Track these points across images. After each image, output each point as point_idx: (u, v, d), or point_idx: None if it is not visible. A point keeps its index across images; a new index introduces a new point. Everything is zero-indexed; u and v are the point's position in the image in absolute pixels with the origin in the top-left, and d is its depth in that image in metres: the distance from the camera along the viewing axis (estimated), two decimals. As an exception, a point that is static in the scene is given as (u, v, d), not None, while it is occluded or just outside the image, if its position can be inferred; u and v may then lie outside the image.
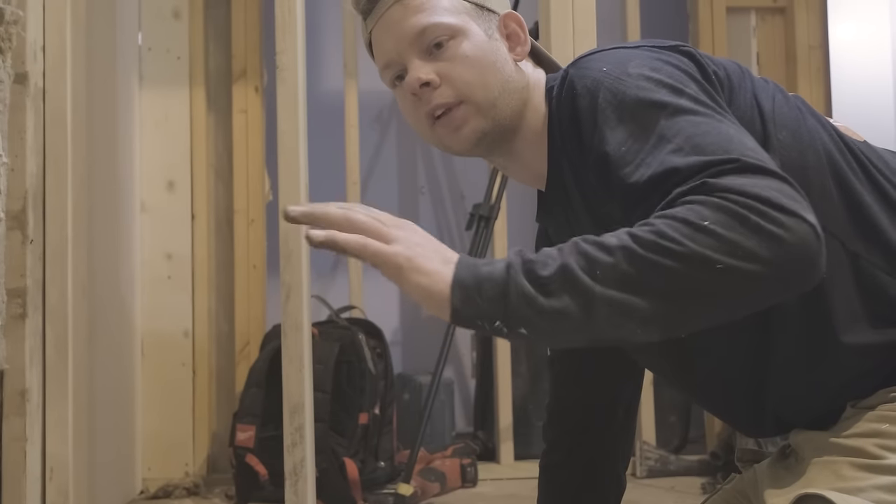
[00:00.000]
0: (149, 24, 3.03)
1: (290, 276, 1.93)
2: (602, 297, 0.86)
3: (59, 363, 1.95)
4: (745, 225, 0.86)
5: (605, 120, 1.03)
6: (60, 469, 1.94)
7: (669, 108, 1.00)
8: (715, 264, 0.86)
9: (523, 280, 0.88)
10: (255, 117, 3.12)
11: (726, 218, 0.86)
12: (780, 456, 1.13)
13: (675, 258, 0.86)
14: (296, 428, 1.89)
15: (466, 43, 1.16)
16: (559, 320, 0.87)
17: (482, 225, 2.83)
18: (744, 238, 0.86)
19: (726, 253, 0.86)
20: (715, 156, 0.92)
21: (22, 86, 1.84)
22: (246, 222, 3.11)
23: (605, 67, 1.07)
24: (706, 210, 0.87)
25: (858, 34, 3.27)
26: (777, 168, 0.93)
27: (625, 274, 0.87)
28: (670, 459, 2.92)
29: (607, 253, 0.88)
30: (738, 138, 0.96)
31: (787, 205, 0.88)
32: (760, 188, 0.88)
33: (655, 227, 0.88)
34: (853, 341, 1.04)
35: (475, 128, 1.16)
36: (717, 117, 1.00)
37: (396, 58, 1.18)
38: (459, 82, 1.15)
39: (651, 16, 3.45)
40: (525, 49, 1.22)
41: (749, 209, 0.87)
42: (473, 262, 0.90)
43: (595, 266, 0.87)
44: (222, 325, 3.11)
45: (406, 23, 1.16)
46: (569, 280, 0.87)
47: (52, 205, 1.96)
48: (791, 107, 1.13)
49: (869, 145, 1.16)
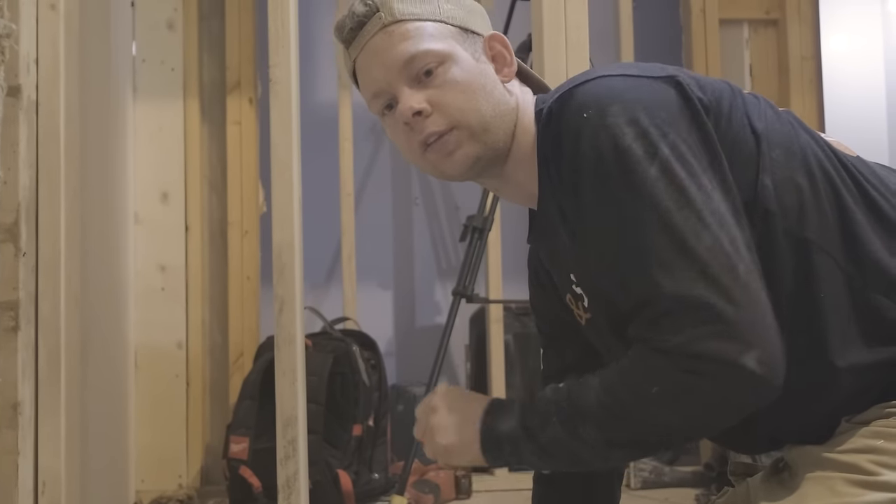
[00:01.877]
0: (143, 35, 3.03)
1: (284, 289, 1.92)
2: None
3: (51, 376, 1.95)
4: (686, 392, 0.98)
5: (582, 184, 1.06)
6: (53, 482, 1.93)
7: (637, 186, 1.01)
8: (662, 422, 1.01)
9: (525, 444, 1.08)
10: (249, 129, 3.13)
11: (669, 381, 0.98)
12: (774, 470, 1.13)
13: (631, 425, 1.02)
14: (289, 441, 1.88)
15: (455, 68, 1.16)
16: (559, 459, 1.07)
17: (476, 236, 2.83)
18: (686, 403, 0.99)
19: (670, 413, 0.99)
20: (664, 280, 0.98)
21: (15, 98, 1.84)
22: (240, 234, 3.11)
23: (587, 113, 1.06)
24: (653, 376, 0.99)
25: (851, 45, 3.29)
26: (725, 281, 0.97)
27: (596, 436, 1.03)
28: (664, 471, 2.92)
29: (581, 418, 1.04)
30: (695, 234, 0.98)
31: (728, 357, 0.95)
32: (702, 344, 0.95)
33: (614, 393, 1.01)
34: (847, 361, 1.04)
35: (468, 152, 1.16)
36: (685, 188, 1.00)
37: (386, 87, 1.17)
38: (451, 109, 1.15)
39: (644, 28, 3.46)
40: (512, 70, 1.21)
41: (691, 373, 0.96)
42: (492, 433, 1.10)
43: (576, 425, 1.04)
44: (216, 336, 3.10)
45: (393, 51, 1.16)
46: (559, 440, 1.05)
47: (45, 217, 1.95)
48: (783, 123, 1.12)
49: (862, 160, 1.16)
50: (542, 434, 1.05)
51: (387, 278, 3.70)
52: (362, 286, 3.33)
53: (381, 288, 3.68)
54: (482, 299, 2.94)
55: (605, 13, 3.36)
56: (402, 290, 3.73)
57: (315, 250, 3.24)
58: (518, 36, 2.90)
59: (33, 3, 1.92)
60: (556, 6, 1.90)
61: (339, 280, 3.37)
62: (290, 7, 1.97)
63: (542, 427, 1.05)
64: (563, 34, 1.90)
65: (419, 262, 3.74)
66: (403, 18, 1.16)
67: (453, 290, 2.78)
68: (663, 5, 3.64)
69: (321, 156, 3.30)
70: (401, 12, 1.16)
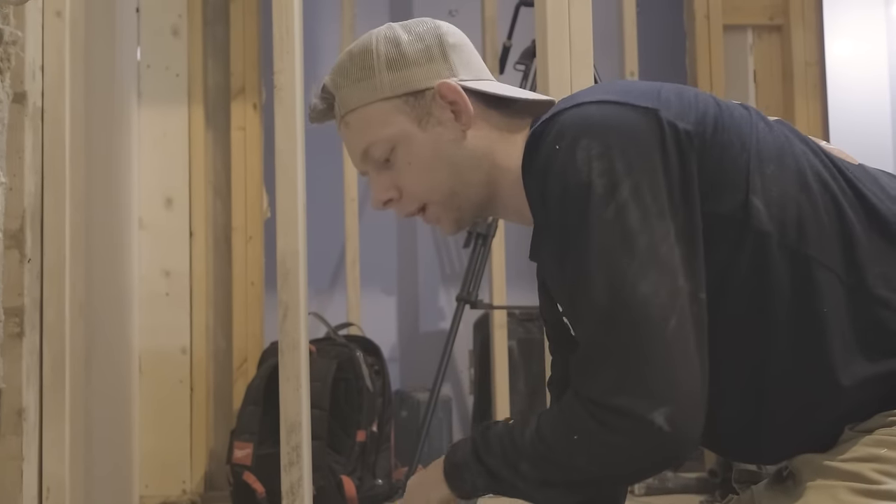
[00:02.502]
0: (148, 41, 3.04)
1: (288, 295, 1.92)
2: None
3: (56, 382, 1.95)
4: (598, 442, 1.01)
5: (549, 215, 1.08)
6: (57, 488, 1.93)
7: (592, 228, 1.02)
8: (582, 467, 1.04)
9: (477, 469, 1.12)
10: (253, 134, 3.13)
11: (585, 436, 1.01)
12: (778, 478, 1.13)
13: (558, 468, 1.06)
14: (293, 447, 1.88)
15: (406, 150, 1.19)
16: (506, 489, 1.12)
17: (480, 242, 2.84)
18: (599, 453, 1.02)
19: (593, 463, 1.03)
20: (602, 329, 1.00)
21: (20, 105, 1.84)
22: (244, 239, 3.11)
23: (559, 144, 1.07)
24: (574, 424, 1.02)
25: (855, 51, 3.29)
26: (666, 319, 0.98)
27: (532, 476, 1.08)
28: (668, 477, 2.92)
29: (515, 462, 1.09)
30: (635, 282, 1.00)
31: (637, 412, 0.97)
32: (615, 398, 0.98)
33: (544, 436, 1.06)
34: (850, 374, 1.03)
35: (449, 220, 1.23)
36: (634, 243, 1.00)
37: (363, 169, 1.25)
38: (416, 190, 1.21)
39: (648, 34, 3.46)
40: (468, 114, 1.19)
41: (602, 424, 1.00)
42: (450, 462, 1.16)
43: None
44: (220, 342, 3.10)
45: (353, 144, 1.24)
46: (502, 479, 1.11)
47: (50, 224, 1.96)
48: (776, 135, 1.11)
49: (863, 168, 1.15)
50: (488, 461, 1.10)
51: (391, 284, 3.70)
52: (366, 292, 3.33)
53: (384, 293, 3.68)
54: (486, 305, 2.94)
55: (608, 19, 3.36)
56: (406, 296, 3.73)
57: (319, 256, 3.24)
58: (522, 42, 2.90)
59: (39, 11, 1.93)
60: (559, 12, 1.90)
61: (343, 285, 3.37)
62: (295, 13, 1.98)
63: (489, 456, 1.10)
64: (566, 40, 1.90)
65: (423, 267, 3.74)
66: (352, 108, 1.21)
67: (457, 296, 2.78)
68: (667, 11, 3.64)
69: (325, 161, 3.30)
70: (349, 102, 1.21)
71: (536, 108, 1.24)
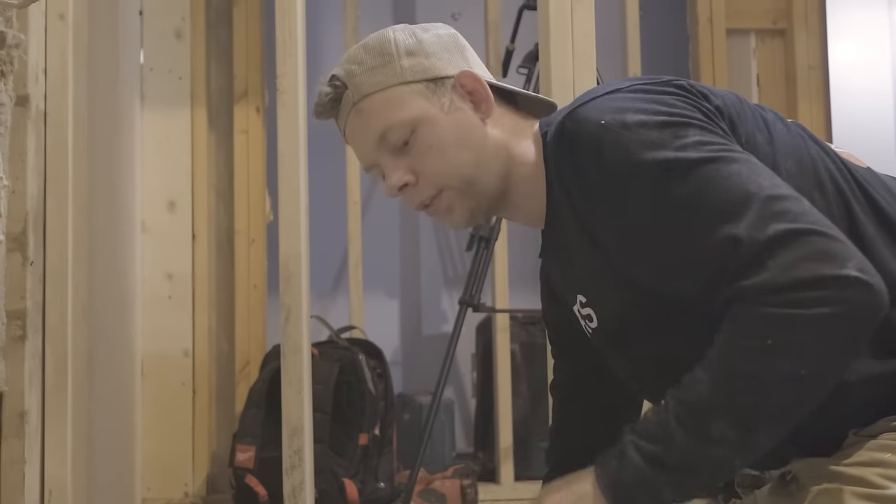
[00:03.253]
0: (151, 44, 3.04)
1: (290, 298, 1.92)
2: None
3: (58, 385, 1.95)
4: (804, 323, 0.91)
5: (615, 185, 1.03)
6: (59, 491, 1.93)
7: (679, 166, 0.99)
8: (799, 373, 0.93)
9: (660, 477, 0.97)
10: (256, 137, 3.13)
11: (784, 326, 0.91)
12: (781, 482, 1.12)
13: (758, 396, 0.93)
14: (295, 450, 1.88)
15: (427, 132, 1.16)
16: (703, 473, 0.98)
17: (482, 245, 2.83)
18: (813, 336, 0.91)
19: (805, 359, 0.92)
20: (738, 224, 0.94)
21: (23, 108, 1.85)
22: (247, 242, 3.11)
23: (604, 120, 1.05)
24: (759, 325, 0.92)
25: (858, 54, 3.29)
26: (797, 206, 0.94)
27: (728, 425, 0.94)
28: (671, 481, 2.91)
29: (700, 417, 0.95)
30: (750, 178, 0.97)
31: (825, 273, 0.91)
32: (792, 270, 0.91)
33: (725, 370, 0.94)
34: (856, 372, 1.02)
35: (462, 210, 1.19)
36: (725, 155, 0.99)
37: (372, 162, 1.21)
38: (433, 175, 1.17)
39: (651, 38, 3.46)
40: (489, 104, 1.20)
41: (797, 304, 0.90)
42: (618, 488, 0.99)
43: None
44: (222, 344, 3.10)
45: (367, 131, 1.19)
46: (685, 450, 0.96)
47: (53, 227, 1.96)
48: (793, 134, 1.12)
49: (872, 172, 1.15)
50: (671, 458, 0.96)
51: (393, 287, 3.70)
52: (369, 295, 3.33)
53: (387, 297, 3.68)
54: (489, 308, 2.93)
55: (611, 22, 3.36)
56: (409, 299, 3.73)
57: (322, 259, 3.24)
58: (525, 46, 2.90)
59: (42, 14, 1.93)
60: (562, 15, 1.90)
61: (345, 289, 3.37)
62: (298, 16, 1.98)
63: (669, 451, 0.96)
64: (569, 43, 1.90)
65: (426, 271, 3.74)
66: (369, 92, 1.18)
67: (460, 300, 2.78)
68: (670, 15, 3.64)
69: (328, 164, 3.30)
70: (366, 86, 1.18)
71: (539, 110, 1.25)
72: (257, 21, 3.17)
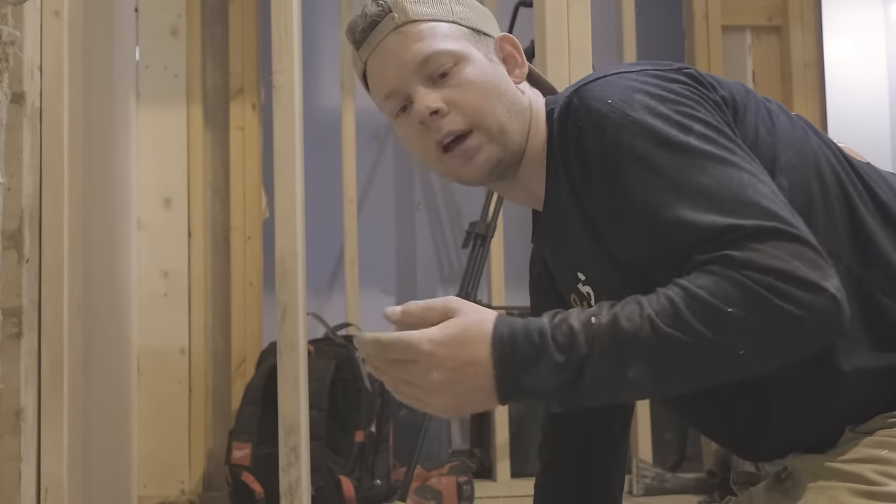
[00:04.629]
0: (146, 41, 3.04)
1: (286, 295, 1.92)
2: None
3: (54, 382, 1.95)
4: (767, 309, 0.90)
5: (615, 162, 1.03)
6: (55, 489, 1.93)
7: (681, 152, 0.99)
8: (737, 350, 0.92)
9: (562, 395, 0.95)
10: (252, 134, 3.13)
11: (748, 301, 0.90)
12: (777, 479, 1.12)
13: (700, 346, 0.91)
14: (291, 448, 1.88)
15: (470, 68, 1.15)
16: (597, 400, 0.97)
17: (478, 243, 2.83)
18: (767, 323, 0.91)
19: (749, 340, 0.92)
20: (732, 216, 0.94)
21: (19, 105, 1.84)
22: (242, 239, 3.11)
23: (611, 99, 1.05)
24: (728, 290, 0.91)
25: (853, 51, 3.29)
26: (793, 221, 0.94)
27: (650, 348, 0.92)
28: (667, 477, 2.92)
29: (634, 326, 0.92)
30: (751, 185, 0.97)
31: (807, 277, 0.91)
32: (780, 261, 0.91)
33: (678, 309, 0.91)
34: (854, 366, 1.03)
35: (488, 156, 1.15)
36: (727, 156, 0.99)
37: (400, 87, 1.16)
38: (469, 109, 1.13)
39: (647, 35, 3.46)
40: (523, 71, 1.21)
41: (770, 289, 0.90)
42: (515, 389, 0.95)
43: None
44: (219, 342, 3.10)
45: (407, 52, 1.15)
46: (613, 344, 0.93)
47: (49, 224, 1.95)
48: (795, 126, 1.12)
49: (873, 167, 1.16)
50: (579, 382, 0.93)
51: (389, 284, 3.70)
52: (365, 292, 3.32)
53: (383, 293, 3.67)
54: (484, 305, 2.93)
55: (607, 19, 3.36)
56: (405, 296, 3.73)
57: (317, 256, 3.23)
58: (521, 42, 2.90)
59: (37, 11, 1.93)
60: (558, 12, 1.90)
61: (341, 285, 3.37)
62: (293, 13, 1.98)
63: (579, 376, 0.92)
64: (565, 40, 1.90)
65: (421, 267, 3.74)
66: (417, 19, 1.16)
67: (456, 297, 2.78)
68: (666, 12, 3.64)
69: (324, 161, 3.30)
70: (414, 13, 1.16)
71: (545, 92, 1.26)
72: (253, 18, 3.16)
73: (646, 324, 0.92)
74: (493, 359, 0.94)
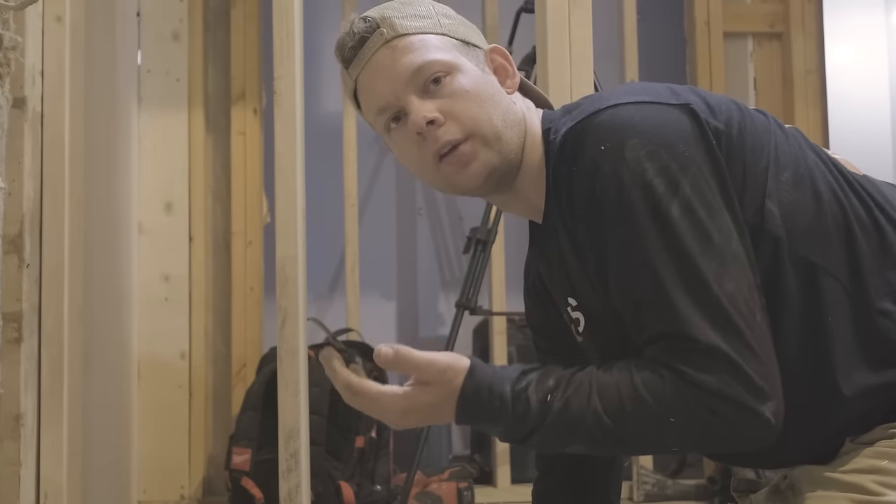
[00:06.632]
0: (148, 46, 3.04)
1: (287, 301, 1.92)
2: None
3: (54, 387, 1.95)
4: (705, 425, 0.99)
5: (599, 217, 1.05)
6: (55, 494, 1.93)
7: (659, 223, 1.01)
8: (671, 448, 1.08)
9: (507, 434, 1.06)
10: (253, 139, 3.13)
11: (690, 416, 0.99)
12: (777, 488, 1.12)
13: (637, 441, 1.04)
14: (291, 454, 1.88)
15: (463, 77, 1.14)
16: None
17: (479, 249, 2.83)
18: (701, 435, 1.01)
19: (683, 442, 1.05)
20: (690, 325, 0.98)
21: (20, 110, 1.85)
22: (244, 244, 3.11)
23: (604, 145, 1.04)
24: (674, 402, 0.99)
25: (855, 58, 3.29)
26: (748, 337, 0.98)
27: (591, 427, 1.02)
28: (667, 484, 2.91)
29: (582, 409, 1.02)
30: (717, 282, 0.99)
31: (748, 404, 0.97)
32: (725, 385, 0.97)
33: (624, 408, 1.00)
34: (852, 384, 1.03)
35: (484, 162, 1.14)
36: (703, 237, 1.00)
37: (393, 100, 1.15)
38: (464, 117, 1.13)
39: (648, 42, 3.46)
40: (515, 82, 1.21)
41: (712, 411, 0.98)
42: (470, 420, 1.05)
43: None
44: (219, 347, 3.10)
45: (398, 64, 1.14)
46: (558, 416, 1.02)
47: (49, 229, 1.95)
48: (791, 143, 1.12)
49: (869, 179, 1.15)
50: (527, 442, 1.05)
51: (390, 289, 3.70)
52: (365, 297, 3.32)
53: (384, 299, 3.68)
54: (485, 311, 2.93)
55: (609, 26, 3.36)
56: (406, 302, 3.73)
57: (318, 261, 3.24)
58: (522, 49, 2.90)
59: (39, 16, 1.93)
60: (560, 19, 1.90)
61: (342, 291, 3.37)
62: (295, 19, 1.98)
63: (528, 439, 1.04)
64: (567, 47, 1.90)
65: (422, 273, 3.74)
66: (406, 32, 1.15)
67: (456, 302, 2.78)
68: (667, 18, 3.65)
69: (325, 166, 3.30)
70: (402, 27, 1.15)
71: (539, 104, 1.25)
72: (255, 23, 3.17)
73: (591, 415, 1.00)
74: (457, 410, 1.04)
